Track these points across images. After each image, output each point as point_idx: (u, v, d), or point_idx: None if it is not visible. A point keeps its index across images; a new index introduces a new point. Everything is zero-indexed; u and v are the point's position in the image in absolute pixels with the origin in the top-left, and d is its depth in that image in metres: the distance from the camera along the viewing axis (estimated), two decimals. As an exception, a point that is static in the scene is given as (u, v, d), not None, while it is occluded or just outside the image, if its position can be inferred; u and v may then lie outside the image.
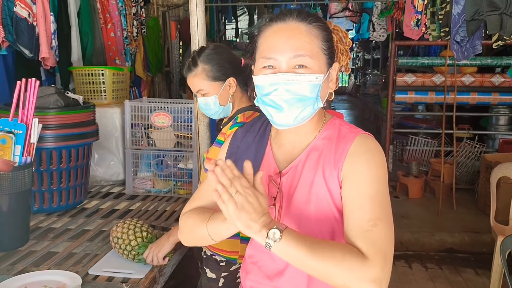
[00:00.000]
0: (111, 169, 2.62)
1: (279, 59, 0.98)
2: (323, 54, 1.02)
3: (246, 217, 0.89)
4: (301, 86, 0.98)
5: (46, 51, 2.66)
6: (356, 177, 0.98)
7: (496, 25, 1.81)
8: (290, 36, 0.99)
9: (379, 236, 0.93)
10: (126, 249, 1.58)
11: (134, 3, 3.98)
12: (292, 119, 1.00)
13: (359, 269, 0.89)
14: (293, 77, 0.97)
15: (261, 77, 1.00)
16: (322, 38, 1.02)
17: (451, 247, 3.93)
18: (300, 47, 0.98)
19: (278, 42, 0.99)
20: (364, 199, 0.96)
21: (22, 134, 1.70)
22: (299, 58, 0.98)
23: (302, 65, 0.98)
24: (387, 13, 5.05)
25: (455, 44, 2.23)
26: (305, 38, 0.99)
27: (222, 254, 1.67)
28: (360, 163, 0.99)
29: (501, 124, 5.29)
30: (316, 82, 0.99)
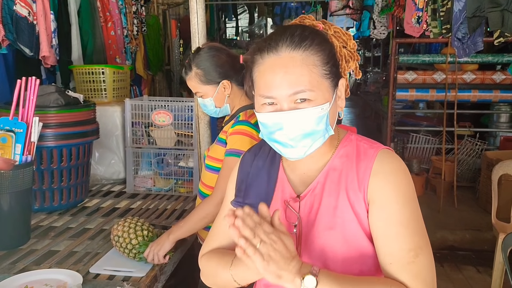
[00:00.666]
0: (111, 168, 2.62)
1: (277, 97, 0.92)
2: (326, 79, 0.94)
3: (275, 267, 0.81)
4: (306, 121, 0.91)
5: (46, 49, 2.66)
6: (385, 202, 0.92)
7: (498, 21, 1.81)
8: (286, 72, 0.91)
9: (423, 267, 0.89)
10: (127, 247, 1.58)
11: (134, 2, 3.98)
12: (302, 153, 0.95)
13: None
14: (296, 113, 0.90)
15: (263, 115, 0.94)
16: (321, 62, 0.93)
17: (452, 245, 3.93)
18: (298, 83, 0.90)
19: (274, 80, 0.91)
20: (399, 227, 0.91)
21: (23, 132, 1.69)
22: (299, 94, 0.90)
23: (304, 99, 0.91)
24: (387, 10, 5.03)
25: (457, 41, 2.22)
26: (302, 71, 0.91)
27: None
28: (387, 186, 0.92)
29: (502, 122, 5.28)
30: (322, 114, 0.92)
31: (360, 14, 5.64)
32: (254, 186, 1.00)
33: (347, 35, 1.07)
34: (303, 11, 6.62)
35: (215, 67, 1.65)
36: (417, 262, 0.89)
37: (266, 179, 1.04)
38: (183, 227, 1.61)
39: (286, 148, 0.94)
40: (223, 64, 1.66)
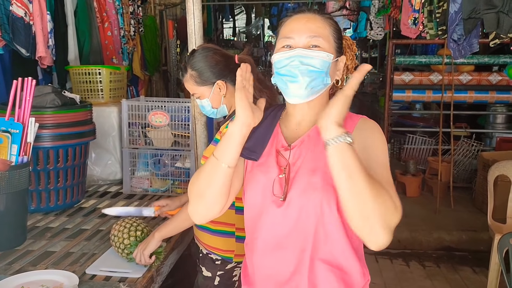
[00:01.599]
0: (108, 168, 2.62)
1: (296, 38, 1.14)
2: (333, 41, 1.17)
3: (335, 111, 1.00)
4: (313, 60, 1.12)
5: (42, 50, 2.65)
6: (373, 148, 1.12)
7: (493, 23, 1.81)
8: (307, 21, 1.16)
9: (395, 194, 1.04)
10: (120, 247, 1.58)
11: (131, 2, 3.98)
12: (303, 88, 1.12)
13: (392, 212, 0.98)
14: (308, 52, 1.12)
15: (280, 53, 1.15)
16: (333, 29, 1.18)
17: (448, 245, 3.94)
18: (315, 30, 1.14)
19: (297, 25, 1.16)
20: (381, 168, 1.09)
21: (19, 133, 1.69)
22: (314, 38, 1.13)
23: (316, 45, 1.13)
24: (384, 11, 5.05)
25: (452, 42, 2.23)
26: (319, 24, 1.16)
27: (218, 253, 1.67)
28: (373, 137, 1.14)
29: (499, 123, 5.30)
30: (326, 59, 1.13)
31: (357, 15, 5.66)
32: (253, 135, 1.18)
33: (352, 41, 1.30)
34: (300, 12, 6.63)
35: (209, 67, 1.65)
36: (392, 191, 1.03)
37: (264, 131, 1.23)
38: (169, 225, 1.62)
39: (292, 79, 1.12)
40: (217, 64, 1.66)
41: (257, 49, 10.36)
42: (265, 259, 1.20)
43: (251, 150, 1.19)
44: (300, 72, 1.11)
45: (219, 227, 1.66)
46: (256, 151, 1.20)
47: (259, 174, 1.20)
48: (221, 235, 1.66)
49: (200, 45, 1.77)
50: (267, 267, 1.20)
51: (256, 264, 1.23)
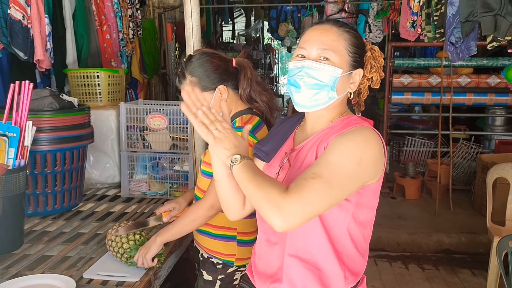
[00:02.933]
0: (106, 172, 2.61)
1: (308, 49, 1.18)
2: (348, 55, 1.19)
3: (220, 146, 1.10)
4: (319, 73, 1.15)
5: (41, 53, 2.65)
6: (331, 146, 1.13)
7: (490, 26, 1.81)
8: (321, 33, 1.19)
9: (310, 186, 1.04)
10: (119, 251, 1.57)
11: (130, 5, 3.97)
12: (307, 99, 1.17)
13: (274, 196, 1.03)
14: (315, 64, 1.16)
15: (292, 62, 1.21)
16: (350, 42, 1.20)
17: (448, 248, 3.93)
18: (327, 43, 1.17)
19: (311, 37, 1.20)
20: (322, 161, 1.10)
21: (16, 137, 1.68)
22: (324, 51, 1.16)
23: (326, 58, 1.16)
24: (383, 14, 5.06)
25: (450, 45, 2.23)
26: (333, 37, 1.18)
27: (219, 257, 1.66)
28: (341, 139, 1.13)
29: (497, 125, 5.30)
30: (333, 74, 1.16)
31: (355, 18, 5.66)
32: (272, 140, 1.32)
33: (379, 53, 1.28)
34: (299, 15, 6.63)
35: (209, 73, 1.61)
36: (309, 181, 1.05)
37: (281, 137, 1.33)
38: (171, 229, 1.61)
39: (297, 90, 1.18)
40: (217, 69, 1.62)
41: (256, 51, 10.37)
42: (260, 252, 1.32)
43: (266, 153, 1.31)
44: (304, 84, 1.16)
45: (220, 231, 1.66)
46: (269, 155, 1.31)
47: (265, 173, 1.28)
48: (222, 239, 1.66)
49: (196, 50, 1.73)
50: (261, 260, 1.31)
51: (255, 256, 1.35)
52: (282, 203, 1.02)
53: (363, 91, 1.29)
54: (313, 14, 6.27)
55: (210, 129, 1.12)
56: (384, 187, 4.98)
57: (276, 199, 1.02)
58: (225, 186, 1.27)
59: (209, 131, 1.11)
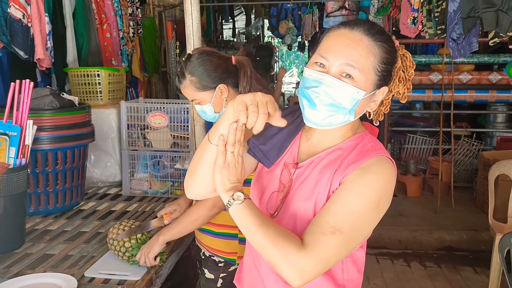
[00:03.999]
0: (107, 170, 2.61)
1: (330, 61, 1.01)
2: (375, 74, 1.03)
3: (226, 173, 1.00)
4: (339, 94, 1.00)
5: (41, 52, 2.64)
6: (351, 188, 1.01)
7: (492, 22, 1.80)
8: (349, 44, 1.01)
9: (329, 244, 0.96)
10: (121, 250, 1.57)
11: (130, 4, 3.96)
12: (320, 119, 1.04)
13: (291, 252, 0.95)
14: (336, 82, 1.00)
15: (310, 70, 1.04)
16: (380, 59, 1.03)
17: (449, 245, 3.93)
18: (353, 58, 1.00)
19: (336, 46, 1.02)
20: (341, 209, 0.99)
21: (17, 136, 1.68)
22: (349, 67, 1.00)
23: (350, 75, 1.00)
24: (383, 11, 5.04)
25: (451, 41, 2.22)
26: (362, 52, 1.01)
27: (221, 255, 1.67)
28: (363, 179, 1.01)
29: (499, 122, 5.29)
30: (355, 96, 1.01)
31: (356, 15, 5.65)
32: (273, 138, 1.14)
33: (412, 62, 1.13)
34: (299, 12, 6.61)
35: (209, 72, 1.60)
36: (328, 237, 0.96)
37: (284, 138, 1.16)
38: (173, 229, 1.60)
39: (310, 107, 1.03)
40: (217, 68, 1.61)
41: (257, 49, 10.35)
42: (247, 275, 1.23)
43: (265, 154, 1.14)
44: (320, 102, 1.01)
45: (222, 229, 1.66)
46: (270, 159, 1.15)
47: (262, 182, 1.18)
48: (224, 237, 1.66)
49: (195, 49, 1.72)
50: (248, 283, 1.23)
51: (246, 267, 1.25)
52: (300, 261, 0.95)
53: (386, 104, 1.14)
54: (314, 12, 6.25)
55: (227, 149, 1.00)
56: (385, 185, 4.97)
57: (293, 257, 0.95)
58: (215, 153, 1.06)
59: (224, 150, 1.00)
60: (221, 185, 1.01)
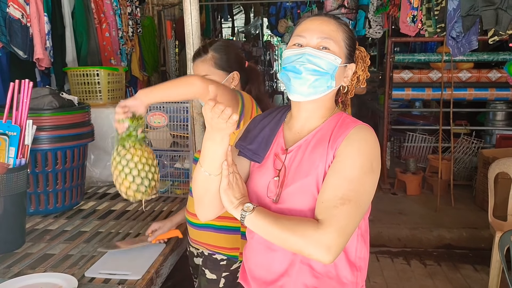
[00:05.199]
0: (107, 170, 2.60)
1: (308, 38, 1.16)
2: (344, 47, 1.19)
3: (231, 192, 1.12)
4: (320, 60, 1.14)
5: (40, 52, 2.64)
6: (344, 159, 1.11)
7: (492, 20, 1.80)
8: (321, 23, 1.18)
9: (343, 214, 1.05)
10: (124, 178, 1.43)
11: (129, 3, 3.97)
12: (306, 86, 1.14)
13: (312, 234, 1.04)
14: (316, 52, 1.14)
15: (290, 50, 1.18)
16: (346, 35, 1.20)
17: (449, 243, 3.93)
18: (327, 32, 1.16)
19: (310, 26, 1.19)
20: (342, 180, 1.09)
21: (16, 136, 1.68)
22: (325, 40, 1.16)
23: (326, 47, 1.15)
24: (383, 9, 5.03)
25: (451, 40, 2.22)
26: (333, 27, 1.18)
27: (223, 252, 1.65)
28: (351, 148, 1.12)
29: (499, 120, 5.29)
30: (333, 62, 1.15)
31: (355, 13, 5.64)
32: (257, 137, 1.25)
33: (366, 53, 1.30)
34: (298, 11, 6.61)
35: (232, 56, 1.69)
36: (340, 208, 1.05)
37: (268, 134, 1.26)
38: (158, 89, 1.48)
39: (296, 75, 1.14)
40: (236, 57, 1.72)
41: (256, 48, 10.35)
42: (258, 258, 1.25)
43: (254, 152, 1.24)
44: (305, 69, 1.13)
45: (225, 222, 1.64)
46: (260, 154, 1.24)
47: (256, 176, 1.24)
48: (226, 231, 1.65)
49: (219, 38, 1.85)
50: (259, 266, 1.25)
51: (250, 262, 1.28)
52: (322, 238, 1.03)
53: (351, 89, 1.30)
54: (313, 10, 6.25)
55: (229, 170, 1.13)
56: (385, 183, 4.98)
57: (315, 236, 1.03)
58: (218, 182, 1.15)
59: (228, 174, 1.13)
60: (230, 204, 1.13)
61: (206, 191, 1.17)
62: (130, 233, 1.89)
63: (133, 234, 1.87)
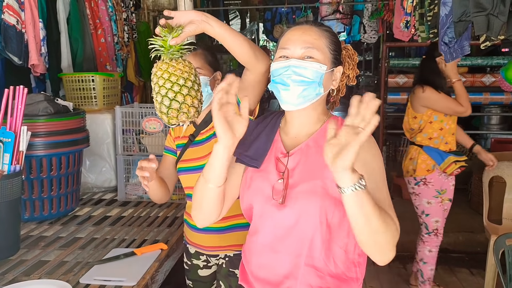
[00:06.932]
0: (103, 176, 2.61)
1: (292, 49, 1.19)
2: (329, 52, 1.21)
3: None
4: (306, 70, 1.16)
5: (35, 58, 2.64)
6: (373, 164, 1.14)
7: (483, 26, 1.82)
8: (303, 33, 1.21)
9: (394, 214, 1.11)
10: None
11: (125, 9, 3.97)
12: (295, 96, 1.17)
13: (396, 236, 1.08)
14: (301, 63, 1.17)
15: (276, 63, 1.21)
16: (329, 40, 1.22)
17: (445, 247, 3.93)
18: (310, 42, 1.19)
19: (293, 37, 1.21)
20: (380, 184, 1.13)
21: (11, 142, 1.68)
22: (308, 49, 1.18)
23: (310, 56, 1.18)
24: (377, 15, 5.07)
25: (443, 45, 2.24)
26: (315, 36, 1.20)
27: None
28: (371, 152, 1.15)
29: (493, 124, 5.32)
30: (319, 70, 1.17)
31: (350, 18, 5.68)
32: (254, 143, 1.26)
33: (354, 51, 1.33)
34: (294, 16, 6.64)
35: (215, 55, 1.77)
36: (393, 210, 1.13)
37: (264, 140, 1.28)
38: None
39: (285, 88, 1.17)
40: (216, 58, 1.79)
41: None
42: (261, 260, 1.25)
43: (252, 158, 1.25)
44: (292, 81, 1.16)
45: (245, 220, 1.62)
46: (258, 159, 1.25)
47: (259, 180, 1.24)
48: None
49: None
50: (262, 268, 1.25)
51: (252, 264, 1.28)
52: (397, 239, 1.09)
53: (342, 88, 1.33)
54: (308, 16, 6.28)
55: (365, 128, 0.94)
56: (381, 187, 4.98)
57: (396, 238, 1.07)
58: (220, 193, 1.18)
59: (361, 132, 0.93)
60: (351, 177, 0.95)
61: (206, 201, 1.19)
62: (125, 239, 1.88)
63: (128, 240, 1.87)
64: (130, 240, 1.87)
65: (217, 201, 1.19)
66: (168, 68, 1.22)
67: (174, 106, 1.20)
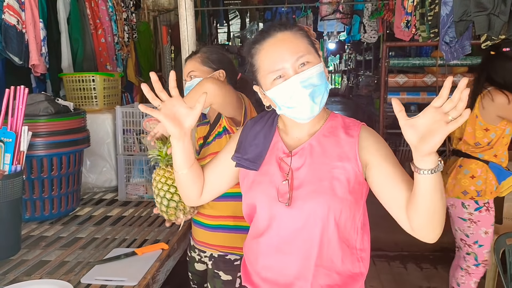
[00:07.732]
0: (103, 176, 2.60)
1: (285, 67, 1.12)
2: (312, 48, 1.18)
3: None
4: (313, 77, 1.13)
5: (35, 58, 2.64)
6: (382, 159, 1.15)
7: (484, 25, 1.82)
8: (282, 44, 1.14)
9: None
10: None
11: (125, 9, 3.97)
12: (318, 107, 1.15)
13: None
14: (304, 74, 1.12)
15: (277, 87, 1.14)
16: (307, 38, 1.19)
17: (446, 247, 3.93)
18: (297, 49, 1.13)
19: (274, 54, 1.14)
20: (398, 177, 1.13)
21: (12, 142, 1.68)
22: (301, 58, 1.12)
23: (304, 63, 1.13)
24: (377, 14, 5.08)
25: (444, 45, 2.24)
26: (295, 40, 1.14)
27: (236, 252, 1.65)
28: (379, 148, 1.17)
29: None
30: (320, 71, 1.15)
31: (350, 18, 5.69)
32: (252, 145, 1.24)
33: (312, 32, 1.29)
34: (294, 16, 6.65)
35: (218, 55, 1.73)
36: None
37: (263, 140, 1.26)
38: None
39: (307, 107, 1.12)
40: (223, 57, 1.75)
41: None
42: (268, 261, 1.24)
43: (251, 161, 1.24)
44: (310, 96, 1.12)
45: (240, 222, 1.62)
46: (256, 162, 1.24)
47: (263, 182, 1.23)
48: (241, 231, 1.63)
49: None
50: (269, 269, 1.24)
51: (257, 265, 1.27)
52: None
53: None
54: (308, 15, 6.29)
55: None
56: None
57: None
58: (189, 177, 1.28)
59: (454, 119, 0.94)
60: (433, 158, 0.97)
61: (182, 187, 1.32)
62: (126, 239, 1.88)
63: (129, 240, 1.87)
64: (131, 240, 1.87)
65: (190, 183, 1.30)
66: (164, 173, 1.48)
67: (172, 205, 1.47)
